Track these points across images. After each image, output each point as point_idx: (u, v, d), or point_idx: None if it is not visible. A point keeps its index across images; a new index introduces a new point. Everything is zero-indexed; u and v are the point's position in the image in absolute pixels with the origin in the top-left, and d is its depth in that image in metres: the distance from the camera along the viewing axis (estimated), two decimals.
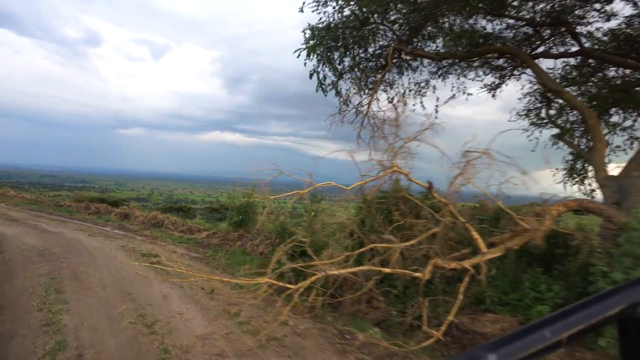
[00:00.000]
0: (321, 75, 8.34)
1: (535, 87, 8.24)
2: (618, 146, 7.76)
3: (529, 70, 7.71)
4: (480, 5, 6.76)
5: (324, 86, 8.22)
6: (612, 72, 7.65)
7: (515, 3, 6.92)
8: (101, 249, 8.31)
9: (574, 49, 7.45)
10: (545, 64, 10.63)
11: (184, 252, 8.77)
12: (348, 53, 7.80)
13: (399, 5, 7.00)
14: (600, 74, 7.72)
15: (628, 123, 7.62)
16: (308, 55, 8.06)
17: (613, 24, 6.96)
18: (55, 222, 12.33)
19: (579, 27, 7.15)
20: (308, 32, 7.54)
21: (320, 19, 7.45)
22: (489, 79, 8.60)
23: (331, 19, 7.40)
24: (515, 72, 8.40)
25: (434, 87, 8.54)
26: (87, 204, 15.71)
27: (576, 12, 6.86)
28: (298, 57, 8.71)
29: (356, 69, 8.31)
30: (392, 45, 7.71)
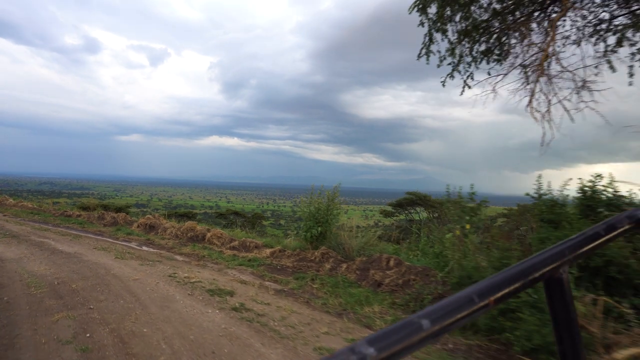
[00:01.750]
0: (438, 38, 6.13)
1: None
2: None
3: None
4: None
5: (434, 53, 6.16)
6: None
7: None
8: (143, 282, 5.68)
9: None
10: None
11: (255, 280, 6.16)
12: None
13: None
14: None
15: None
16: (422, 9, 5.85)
17: None
18: (66, 237, 9.72)
19: None
20: None
21: None
22: None
23: None
24: None
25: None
26: (100, 212, 13.08)
27: None
28: (410, 13, 6.39)
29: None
30: None
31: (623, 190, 4.27)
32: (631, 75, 5.31)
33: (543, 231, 4.27)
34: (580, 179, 4.55)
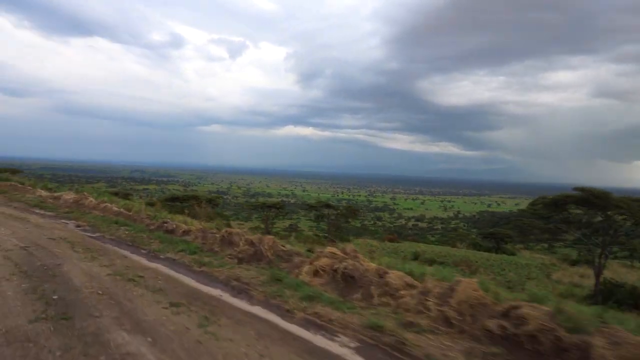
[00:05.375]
0: None
1: None
2: None
3: None
4: None
5: None
6: None
7: None
8: None
9: None
10: None
11: None
12: None
13: None
14: None
15: None
16: None
17: None
18: (188, 316, 3.72)
19: None
20: None
21: None
22: None
23: None
24: None
25: None
26: (225, 231, 7.23)
27: None
28: None
29: None
30: None
31: None
32: None
33: None
34: None
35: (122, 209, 9.84)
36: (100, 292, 4.31)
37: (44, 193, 11.78)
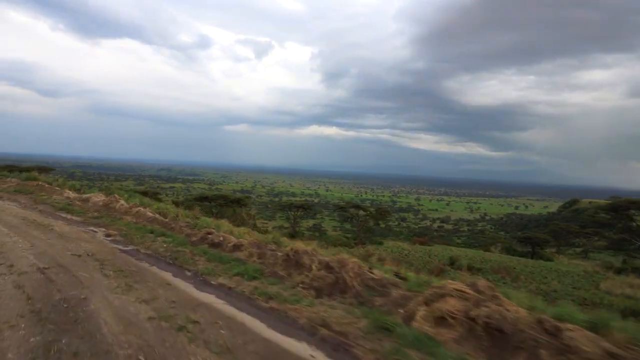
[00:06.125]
0: None
1: None
2: None
3: None
4: None
5: None
6: None
7: None
8: None
9: None
10: None
11: None
12: None
13: None
14: None
15: None
16: None
17: None
18: None
19: None
20: None
21: None
22: None
23: None
24: None
25: None
26: (290, 250, 5.72)
27: None
28: None
29: None
30: None
31: None
32: None
33: None
34: None
35: (156, 215, 8.51)
36: (142, 359, 2.84)
37: (71, 194, 10.68)
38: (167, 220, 8.27)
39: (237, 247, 6.29)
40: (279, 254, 5.56)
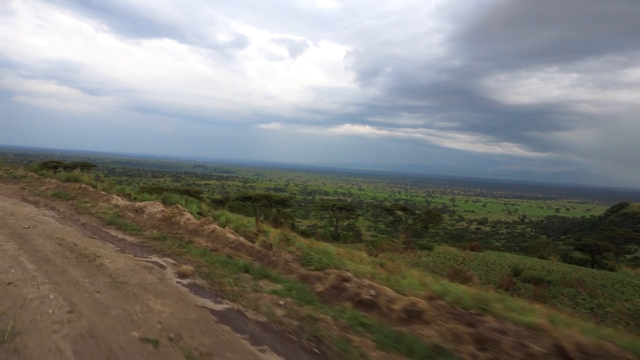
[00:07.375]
0: None
1: None
2: None
3: None
4: None
5: None
6: None
7: None
8: None
9: None
10: None
11: None
12: None
13: None
14: None
15: None
16: None
17: None
18: None
19: None
20: None
21: None
22: None
23: None
24: None
25: None
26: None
27: None
28: None
29: None
30: None
31: None
32: None
33: None
34: None
35: (240, 238, 5.90)
36: None
37: (121, 201, 8.36)
38: (255, 246, 5.64)
39: (412, 314, 3.51)
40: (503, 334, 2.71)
